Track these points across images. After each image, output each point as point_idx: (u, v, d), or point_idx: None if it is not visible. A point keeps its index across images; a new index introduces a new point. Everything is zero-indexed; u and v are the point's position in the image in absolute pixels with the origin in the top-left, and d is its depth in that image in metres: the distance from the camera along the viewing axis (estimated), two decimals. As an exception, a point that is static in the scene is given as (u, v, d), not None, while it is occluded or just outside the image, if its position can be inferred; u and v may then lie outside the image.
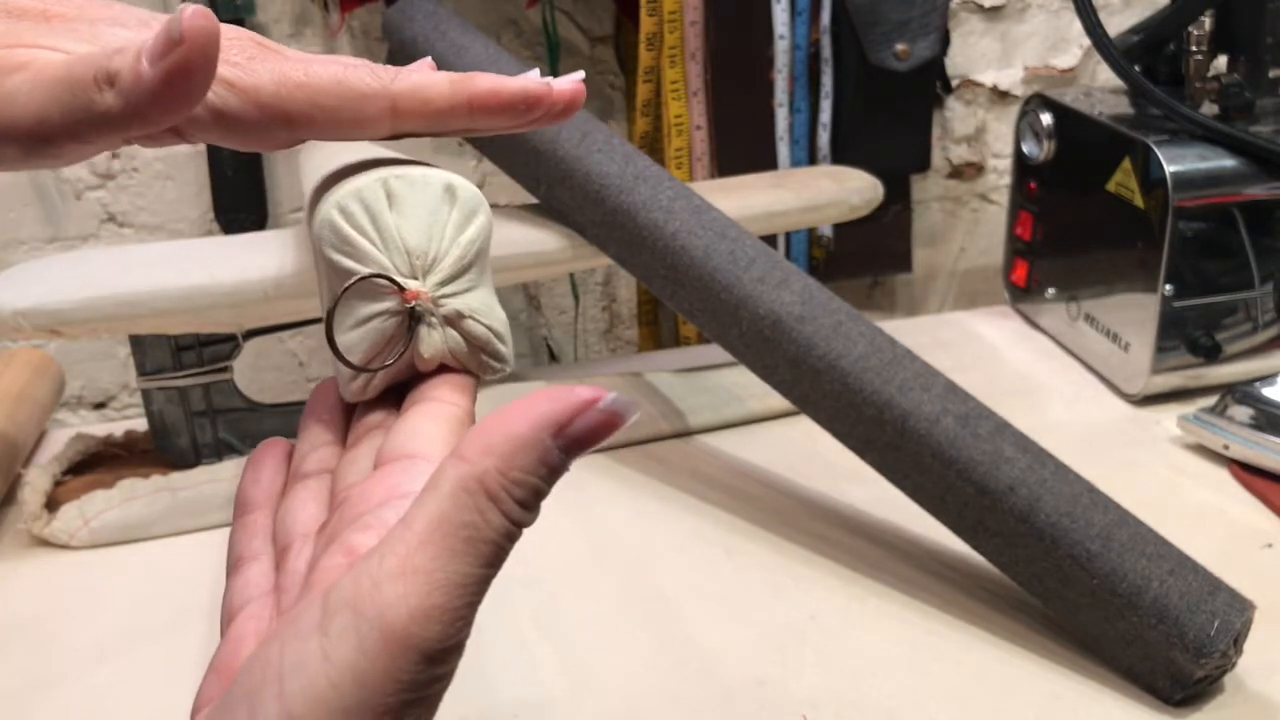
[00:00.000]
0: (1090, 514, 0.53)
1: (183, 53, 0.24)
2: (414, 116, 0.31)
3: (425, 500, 0.25)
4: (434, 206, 0.31)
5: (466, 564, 0.25)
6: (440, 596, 0.24)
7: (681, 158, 0.97)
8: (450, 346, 0.31)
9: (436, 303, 0.30)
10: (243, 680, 0.25)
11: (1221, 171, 0.72)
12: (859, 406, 0.57)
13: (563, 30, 1.05)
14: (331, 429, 0.33)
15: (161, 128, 0.27)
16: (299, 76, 0.29)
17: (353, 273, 0.30)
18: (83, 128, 0.27)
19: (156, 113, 0.25)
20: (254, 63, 0.29)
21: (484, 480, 0.25)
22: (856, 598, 0.58)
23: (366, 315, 0.30)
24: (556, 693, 0.53)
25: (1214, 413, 0.70)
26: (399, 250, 0.30)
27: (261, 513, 0.32)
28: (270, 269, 0.62)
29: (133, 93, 0.25)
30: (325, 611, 0.25)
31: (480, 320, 0.31)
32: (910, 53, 0.99)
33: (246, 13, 0.97)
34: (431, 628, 0.24)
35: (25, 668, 0.55)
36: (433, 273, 0.30)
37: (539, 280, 1.14)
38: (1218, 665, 0.50)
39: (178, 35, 0.24)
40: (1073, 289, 0.83)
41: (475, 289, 0.31)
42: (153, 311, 0.61)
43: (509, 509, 0.25)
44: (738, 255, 0.60)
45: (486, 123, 0.31)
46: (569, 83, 0.32)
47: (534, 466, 0.25)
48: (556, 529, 0.64)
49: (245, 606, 0.29)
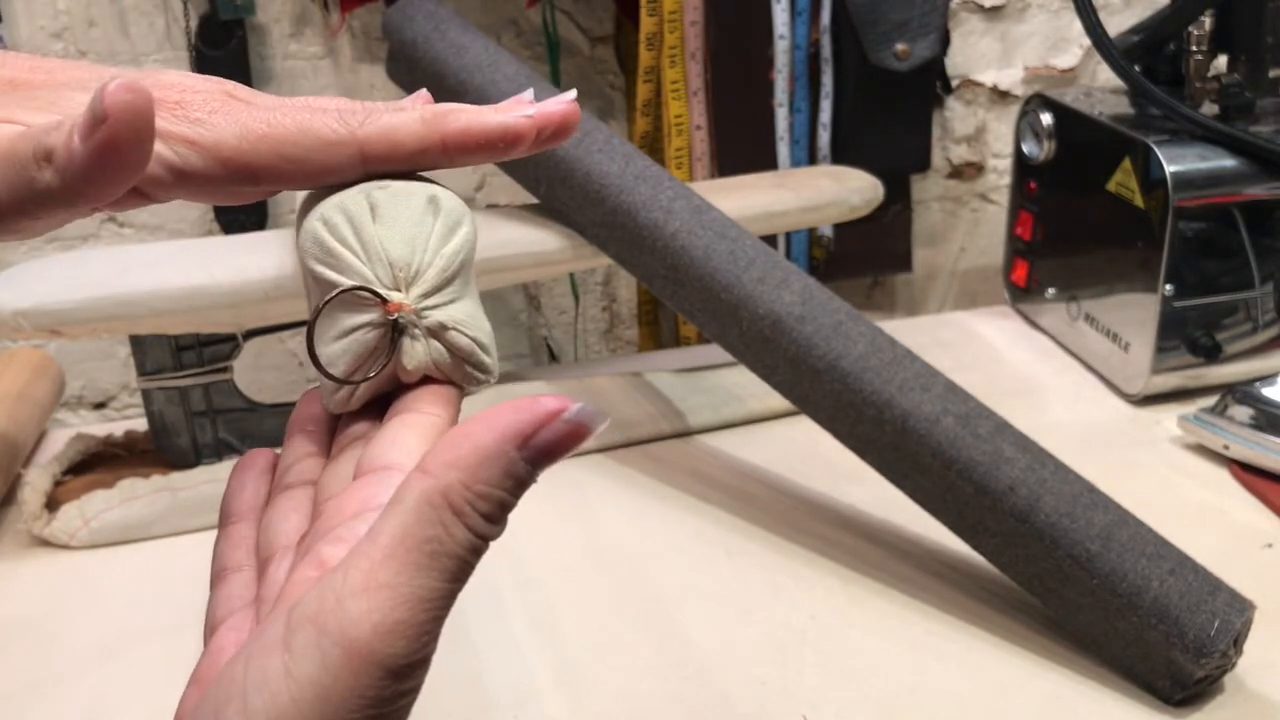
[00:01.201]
0: (1090, 514, 0.53)
1: (107, 129, 0.24)
2: (384, 160, 0.30)
3: (390, 515, 0.25)
4: (417, 218, 0.30)
5: (431, 579, 0.25)
6: (404, 612, 0.24)
7: (681, 158, 0.97)
8: (434, 358, 0.31)
9: (420, 314, 0.30)
10: (211, 695, 0.25)
11: (1221, 171, 0.72)
12: (859, 406, 0.57)
13: (563, 30, 1.05)
14: (315, 440, 0.33)
15: (107, 201, 0.26)
16: (261, 128, 0.29)
17: (335, 284, 0.30)
18: (28, 205, 0.26)
19: (93, 189, 0.25)
20: (216, 117, 0.29)
21: (448, 494, 0.25)
22: (856, 598, 0.58)
23: (349, 327, 0.30)
24: (555, 693, 0.53)
25: (1214, 413, 0.70)
26: (382, 262, 0.30)
27: (245, 523, 0.32)
28: (270, 269, 0.62)
29: (67, 170, 0.25)
30: (289, 627, 0.25)
31: (464, 332, 0.31)
32: (910, 53, 0.99)
33: (246, 12, 0.97)
34: (396, 643, 0.24)
35: (25, 668, 0.55)
36: (416, 284, 0.30)
37: (539, 280, 1.14)
38: (1218, 665, 0.50)
39: (100, 113, 0.24)
40: (1073, 289, 0.83)
41: (459, 300, 0.31)
42: (153, 311, 0.61)
43: (473, 523, 0.25)
44: (738, 255, 0.60)
45: (465, 160, 0.31)
46: (558, 105, 0.31)
47: (499, 479, 0.25)
48: (556, 529, 0.64)
49: (227, 618, 0.29)
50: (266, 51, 1.01)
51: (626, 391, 0.76)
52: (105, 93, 0.24)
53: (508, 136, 0.30)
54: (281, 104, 0.30)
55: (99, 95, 0.24)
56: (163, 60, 0.99)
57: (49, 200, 0.26)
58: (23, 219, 0.27)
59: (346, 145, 0.30)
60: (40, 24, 0.97)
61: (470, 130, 0.30)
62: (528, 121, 0.30)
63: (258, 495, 0.32)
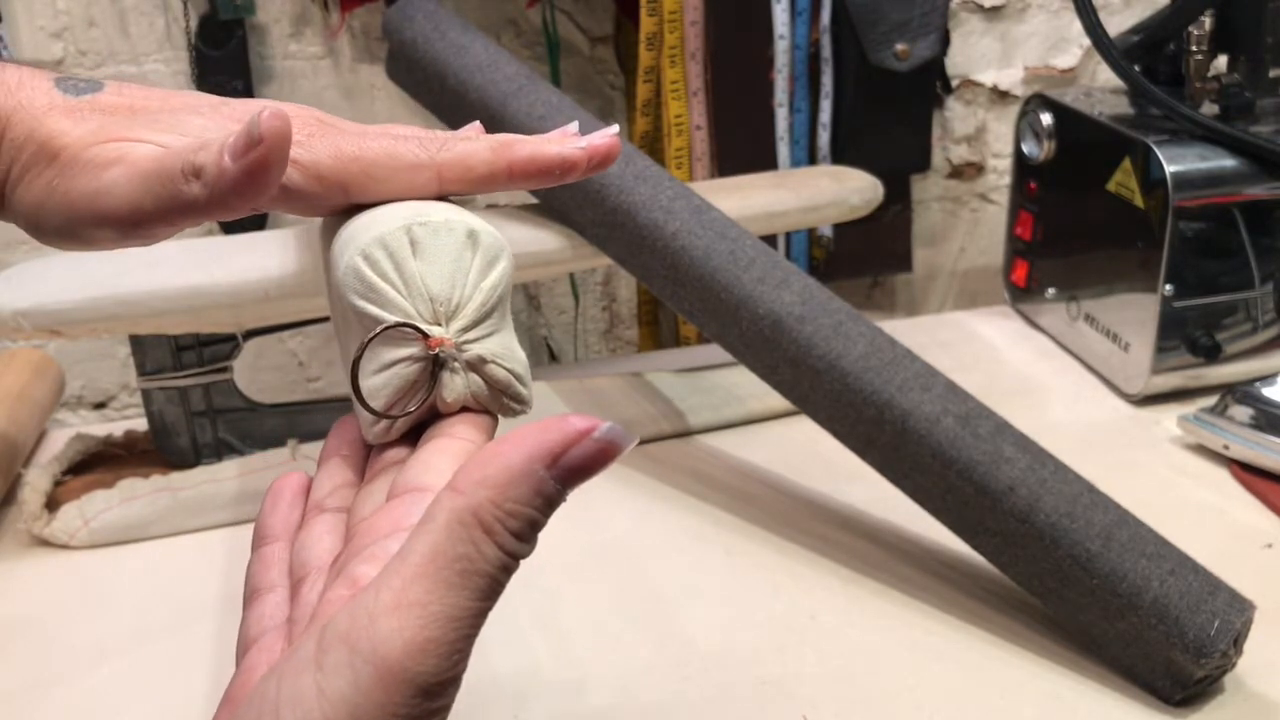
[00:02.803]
0: (1090, 514, 0.53)
1: (261, 150, 0.28)
2: (458, 183, 0.33)
3: (420, 533, 0.25)
4: (457, 253, 0.31)
5: (462, 597, 0.25)
6: (435, 630, 0.24)
7: (681, 158, 0.97)
8: (472, 390, 0.31)
9: (459, 348, 0.31)
10: (243, 713, 0.25)
11: (1221, 171, 0.72)
12: (859, 406, 0.57)
13: (563, 30, 1.05)
14: (350, 464, 0.33)
15: (241, 213, 0.30)
16: (353, 150, 0.32)
17: (378, 320, 0.30)
18: (172, 214, 0.30)
19: (237, 201, 0.29)
20: (313, 140, 0.32)
21: (478, 512, 0.25)
22: (856, 598, 0.58)
23: (390, 361, 0.31)
24: (555, 692, 0.53)
25: (1214, 413, 0.70)
26: (423, 297, 0.31)
27: (279, 544, 0.32)
28: (270, 269, 0.62)
29: (217, 185, 0.29)
30: (320, 646, 0.25)
31: (502, 364, 0.31)
32: (910, 53, 0.99)
33: (246, 12, 0.97)
34: (427, 662, 0.24)
35: (25, 668, 0.55)
36: (456, 318, 0.31)
37: (539, 280, 1.14)
38: (1218, 665, 0.50)
39: (257, 136, 0.28)
40: (1073, 289, 0.83)
41: (497, 333, 0.32)
42: (152, 311, 0.61)
43: (504, 540, 0.25)
44: (738, 255, 0.60)
45: (524, 184, 0.34)
46: (604, 139, 0.34)
47: (529, 497, 0.25)
48: (556, 529, 0.64)
49: (259, 638, 0.29)
50: (266, 51, 1.00)
51: (626, 391, 0.76)
52: (261, 119, 0.28)
53: (564, 165, 0.34)
54: (366, 130, 0.34)
55: (255, 121, 0.28)
56: (163, 60, 0.99)
57: (192, 211, 0.30)
58: (161, 226, 0.31)
59: (426, 169, 0.33)
60: (40, 24, 0.97)
61: (534, 159, 0.33)
62: (581, 153, 0.34)
63: (291, 517, 0.33)
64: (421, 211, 0.32)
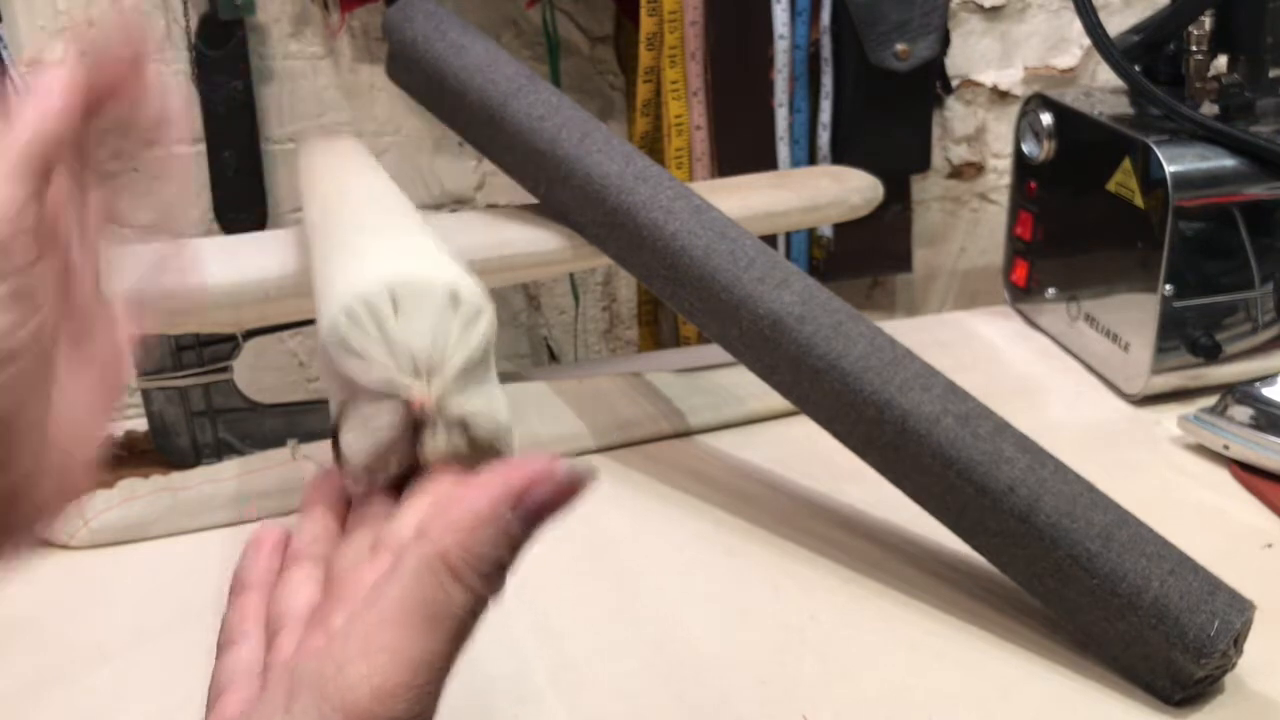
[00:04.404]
0: (1090, 514, 0.53)
1: None
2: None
3: (390, 580, 0.26)
4: (439, 313, 0.31)
5: (430, 641, 0.25)
6: (405, 674, 0.25)
7: (681, 158, 0.97)
8: (454, 448, 0.31)
9: (440, 408, 0.31)
10: None
11: (1221, 171, 0.72)
12: (859, 406, 0.57)
13: (563, 30, 1.05)
14: (332, 513, 0.33)
15: None
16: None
17: (359, 381, 0.30)
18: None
19: None
20: None
21: (445, 557, 0.25)
22: (856, 598, 0.58)
23: (371, 419, 0.31)
24: (554, 693, 0.53)
25: (1214, 413, 0.70)
26: (405, 356, 0.30)
27: (256, 593, 0.32)
28: (270, 269, 0.62)
29: None
30: (289, 692, 0.25)
31: (483, 424, 0.31)
32: (910, 53, 0.99)
33: (246, 12, 0.97)
34: (396, 707, 0.24)
35: (25, 668, 0.55)
36: (437, 377, 0.31)
37: (539, 280, 1.14)
38: (1218, 665, 0.50)
39: None
40: (1073, 289, 0.83)
41: (479, 390, 0.32)
42: (153, 311, 0.60)
43: (471, 583, 0.26)
44: (738, 255, 0.60)
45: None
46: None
47: (495, 539, 0.26)
48: (555, 528, 0.64)
49: (230, 686, 0.29)
50: (266, 51, 1.00)
51: (626, 391, 0.76)
52: None
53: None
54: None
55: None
56: (163, 60, 0.99)
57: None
58: None
59: None
60: (40, 24, 0.97)
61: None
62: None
63: (270, 567, 0.33)
64: (403, 269, 0.31)
